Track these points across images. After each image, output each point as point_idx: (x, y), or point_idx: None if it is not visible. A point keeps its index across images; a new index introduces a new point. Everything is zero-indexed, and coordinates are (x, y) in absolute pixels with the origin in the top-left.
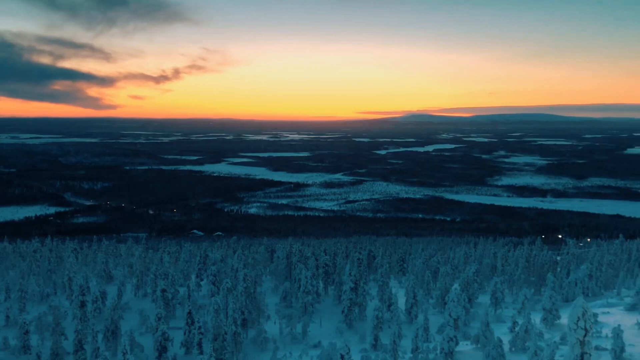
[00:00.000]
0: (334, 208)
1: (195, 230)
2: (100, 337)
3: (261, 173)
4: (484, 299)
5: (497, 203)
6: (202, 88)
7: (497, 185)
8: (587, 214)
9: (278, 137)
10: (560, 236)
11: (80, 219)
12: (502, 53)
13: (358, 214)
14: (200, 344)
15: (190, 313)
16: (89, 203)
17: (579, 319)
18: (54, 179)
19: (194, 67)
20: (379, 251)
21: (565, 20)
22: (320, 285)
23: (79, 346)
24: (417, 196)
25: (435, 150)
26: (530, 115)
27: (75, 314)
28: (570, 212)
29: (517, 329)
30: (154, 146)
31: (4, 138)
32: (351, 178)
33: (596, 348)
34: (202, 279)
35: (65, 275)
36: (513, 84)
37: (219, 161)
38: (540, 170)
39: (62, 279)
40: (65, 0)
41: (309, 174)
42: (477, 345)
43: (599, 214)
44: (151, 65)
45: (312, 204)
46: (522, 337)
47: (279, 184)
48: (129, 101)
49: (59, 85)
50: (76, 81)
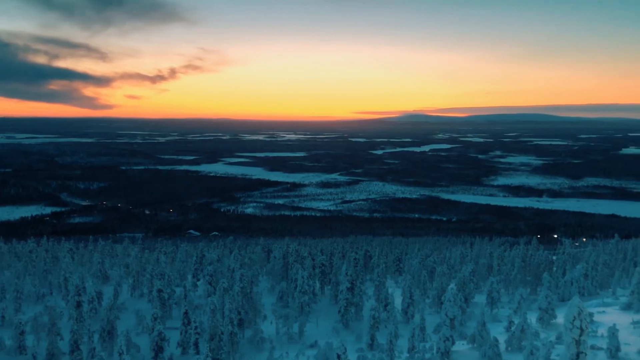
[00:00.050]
0: (330, 208)
1: (191, 230)
2: (96, 338)
3: (258, 173)
4: (480, 298)
5: (493, 203)
6: (199, 88)
7: (493, 185)
8: (583, 213)
9: (275, 137)
10: (556, 236)
11: (76, 219)
12: (498, 53)
13: (354, 214)
14: (196, 344)
15: (186, 313)
16: (85, 203)
17: (574, 319)
18: (50, 179)
19: (191, 67)
20: (376, 251)
21: (561, 21)
22: (317, 285)
23: (75, 346)
24: (414, 196)
25: (431, 150)
26: (526, 115)
27: (71, 314)
28: (566, 212)
29: (513, 328)
30: (151, 146)
31: None
32: (347, 178)
33: (592, 347)
34: (199, 279)
35: (61, 276)
36: (509, 84)
37: (216, 161)
38: (536, 170)
39: (58, 279)
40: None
41: (305, 174)
42: (474, 344)
43: (594, 214)
44: (147, 65)
45: (309, 204)
46: (518, 337)
47: (276, 184)
48: (125, 101)
49: (55, 85)
50: (72, 81)
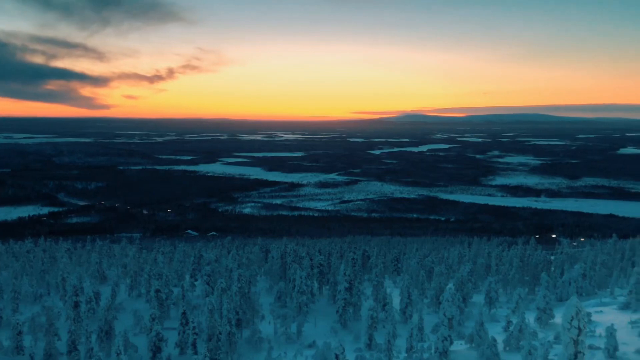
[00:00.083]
0: (328, 208)
1: (189, 231)
2: (94, 338)
3: (255, 173)
4: (478, 298)
5: (491, 203)
6: (197, 88)
7: (491, 185)
8: (581, 213)
9: (272, 137)
10: (554, 236)
11: (73, 219)
12: (497, 53)
13: (352, 214)
14: (194, 344)
15: (184, 313)
16: (82, 203)
17: (572, 318)
18: (47, 179)
19: (188, 67)
20: (374, 251)
21: (560, 21)
22: (315, 285)
23: (73, 347)
24: (412, 196)
25: (429, 150)
26: (524, 115)
27: (69, 314)
28: (564, 212)
29: (511, 328)
30: (148, 146)
31: None
32: (346, 178)
33: (590, 347)
34: (197, 279)
35: (58, 276)
36: (507, 84)
37: (214, 161)
38: (534, 170)
39: (56, 280)
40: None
41: (303, 174)
42: (472, 344)
43: (592, 214)
44: (145, 65)
45: (307, 204)
46: (516, 337)
47: (274, 184)
48: (123, 101)
49: (52, 85)
50: (70, 81)
